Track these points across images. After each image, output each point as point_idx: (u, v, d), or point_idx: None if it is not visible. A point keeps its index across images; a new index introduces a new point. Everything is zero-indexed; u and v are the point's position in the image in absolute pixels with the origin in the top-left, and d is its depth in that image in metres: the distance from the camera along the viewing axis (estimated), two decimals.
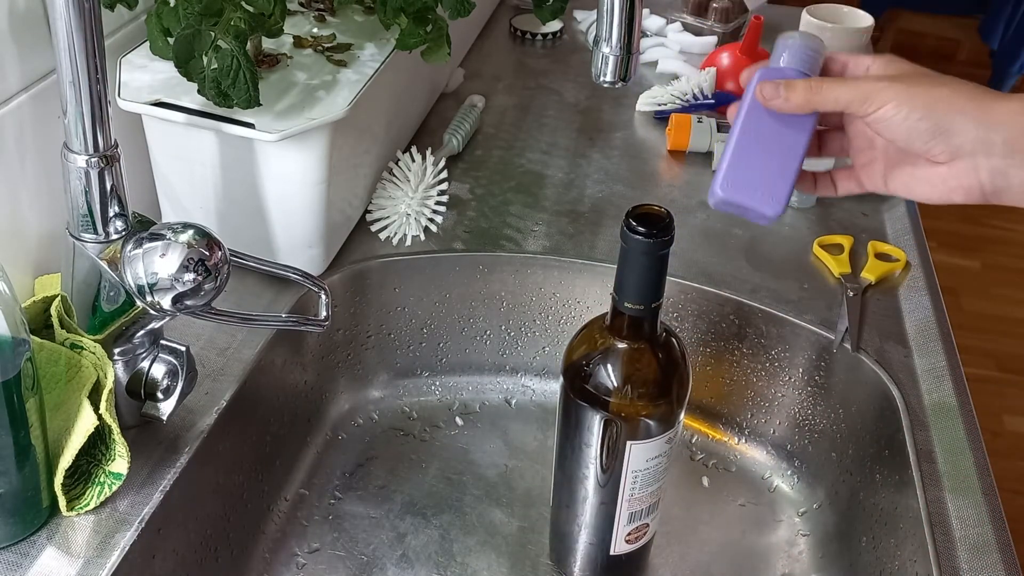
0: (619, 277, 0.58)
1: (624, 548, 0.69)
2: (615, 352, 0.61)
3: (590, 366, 0.62)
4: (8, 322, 0.51)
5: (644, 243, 0.55)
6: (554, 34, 1.31)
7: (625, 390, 0.61)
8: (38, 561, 0.57)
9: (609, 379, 0.61)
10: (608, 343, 0.61)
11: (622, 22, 0.58)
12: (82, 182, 0.57)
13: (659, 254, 0.56)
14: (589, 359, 0.62)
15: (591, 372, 0.62)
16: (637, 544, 0.70)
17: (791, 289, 0.85)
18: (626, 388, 0.61)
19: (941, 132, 0.52)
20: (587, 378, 0.62)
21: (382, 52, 0.80)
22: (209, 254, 0.57)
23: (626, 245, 0.56)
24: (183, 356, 0.64)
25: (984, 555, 0.63)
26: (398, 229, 0.87)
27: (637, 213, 0.56)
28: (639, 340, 0.61)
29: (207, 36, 0.65)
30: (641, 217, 0.55)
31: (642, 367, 0.62)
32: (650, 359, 0.62)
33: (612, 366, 0.62)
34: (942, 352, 0.79)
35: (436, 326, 0.89)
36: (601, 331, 0.62)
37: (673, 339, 0.63)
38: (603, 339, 0.62)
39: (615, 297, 0.59)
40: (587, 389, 0.62)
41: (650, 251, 0.55)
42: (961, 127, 0.51)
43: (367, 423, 0.87)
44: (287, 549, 0.76)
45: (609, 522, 0.67)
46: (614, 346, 0.61)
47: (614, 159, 1.03)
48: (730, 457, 0.86)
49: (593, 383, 0.62)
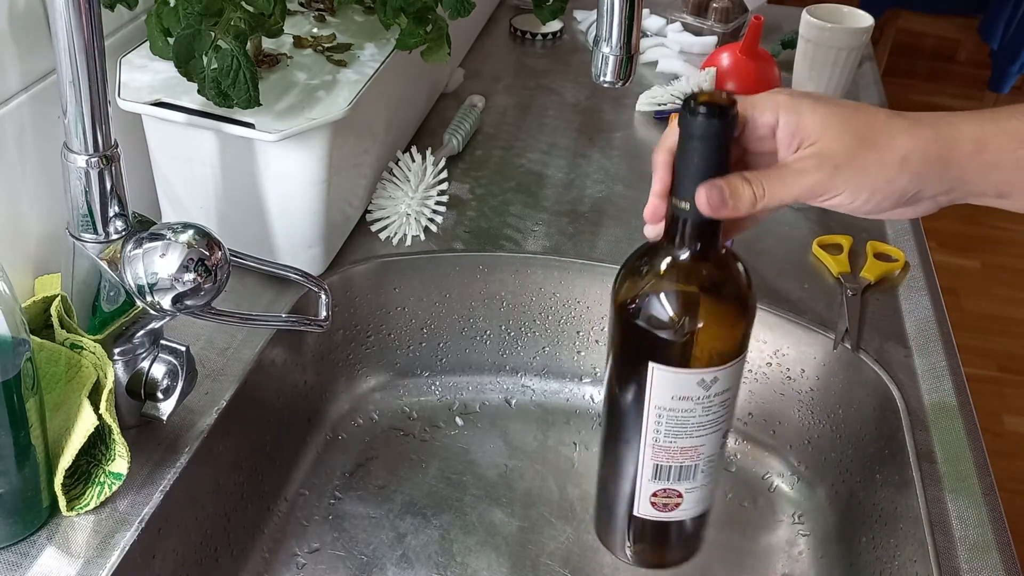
0: (678, 178, 0.51)
1: (649, 512, 0.60)
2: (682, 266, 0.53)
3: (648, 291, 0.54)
4: (8, 322, 0.51)
5: (709, 124, 0.49)
6: (554, 34, 1.31)
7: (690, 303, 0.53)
8: (38, 561, 0.57)
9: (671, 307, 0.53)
10: (671, 254, 0.53)
11: (622, 22, 0.58)
12: (82, 182, 0.57)
13: (725, 137, 0.50)
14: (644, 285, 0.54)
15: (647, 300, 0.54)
16: (665, 514, 0.61)
17: (791, 289, 0.85)
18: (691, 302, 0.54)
19: (909, 201, 0.50)
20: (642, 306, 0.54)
21: (382, 52, 0.80)
22: (209, 254, 0.57)
23: (688, 134, 0.50)
24: (183, 356, 0.64)
25: (984, 555, 0.63)
26: (398, 229, 0.87)
27: (702, 100, 0.50)
28: (705, 249, 0.53)
29: (207, 36, 0.65)
30: (705, 103, 0.49)
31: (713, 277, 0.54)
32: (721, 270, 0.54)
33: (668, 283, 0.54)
34: (942, 352, 0.79)
35: (436, 326, 0.89)
36: (656, 250, 0.54)
37: (739, 261, 0.55)
38: (664, 253, 0.54)
39: (675, 203, 0.52)
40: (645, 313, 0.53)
41: (716, 133, 0.49)
42: (929, 185, 0.50)
43: (367, 423, 0.87)
44: (287, 549, 0.76)
45: (632, 470, 0.59)
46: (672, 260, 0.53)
47: (614, 159, 1.03)
48: (730, 457, 0.86)
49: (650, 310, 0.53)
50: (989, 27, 2.93)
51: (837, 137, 0.49)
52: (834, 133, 0.49)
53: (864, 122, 0.49)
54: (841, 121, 0.49)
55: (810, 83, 1.12)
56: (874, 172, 0.49)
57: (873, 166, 0.49)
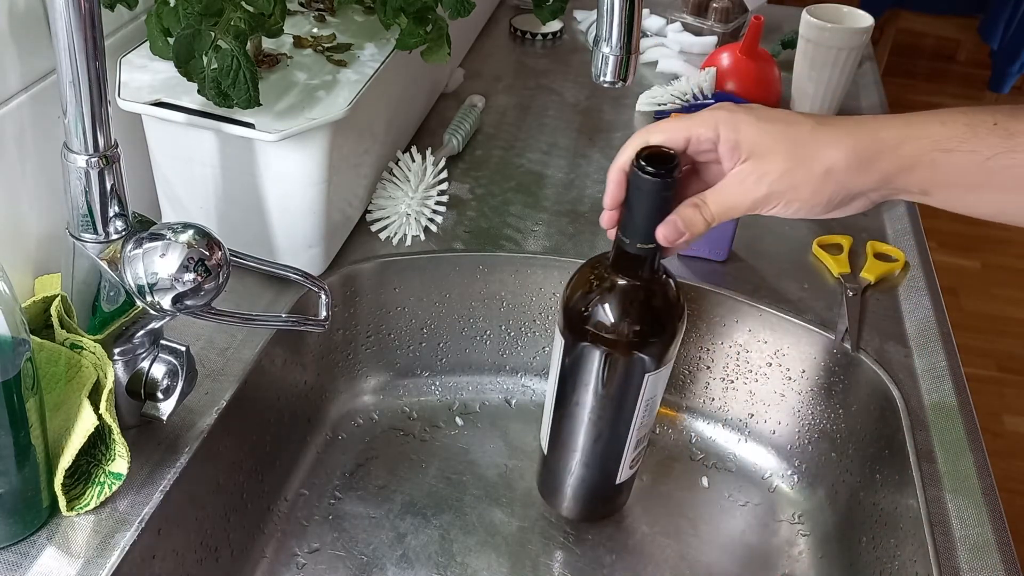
0: (626, 219, 0.60)
1: (627, 475, 0.74)
2: (624, 291, 0.63)
3: (593, 306, 0.64)
4: (8, 322, 0.51)
5: (654, 183, 0.57)
6: (554, 34, 1.31)
7: (632, 326, 0.63)
8: (38, 561, 0.57)
9: (617, 315, 0.63)
10: (614, 283, 0.63)
11: (622, 22, 0.58)
12: (82, 182, 0.57)
13: (665, 194, 0.57)
14: (590, 299, 0.64)
15: (595, 311, 0.64)
16: (634, 469, 0.74)
17: (791, 289, 0.85)
18: (633, 323, 0.63)
19: (840, 203, 0.55)
20: (590, 317, 0.64)
21: (382, 52, 0.80)
22: (209, 254, 0.57)
23: (635, 186, 0.58)
24: (183, 356, 0.64)
25: (984, 555, 0.63)
26: (398, 229, 0.87)
27: (646, 155, 0.57)
28: (644, 278, 0.63)
29: (207, 36, 0.65)
30: (650, 158, 0.57)
31: (655, 302, 0.64)
32: (658, 294, 0.64)
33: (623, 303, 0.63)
34: (942, 352, 0.79)
35: (436, 326, 0.89)
36: (601, 272, 0.64)
37: (670, 279, 0.65)
38: (606, 279, 0.63)
39: (621, 238, 0.61)
40: (590, 329, 0.64)
41: (658, 190, 0.57)
42: (855, 188, 0.54)
43: (367, 423, 0.87)
44: (287, 549, 0.76)
45: (618, 452, 0.71)
46: (623, 285, 0.63)
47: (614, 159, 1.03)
48: (730, 457, 0.86)
49: (596, 321, 0.64)
50: (989, 27, 2.93)
51: (770, 153, 0.54)
52: (768, 149, 0.55)
53: (793, 138, 0.54)
54: (773, 138, 0.55)
55: (810, 83, 1.13)
56: (802, 185, 0.54)
57: (801, 180, 0.54)
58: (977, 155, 0.51)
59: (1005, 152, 0.51)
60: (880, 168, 0.53)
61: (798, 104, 1.15)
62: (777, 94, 1.16)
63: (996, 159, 0.51)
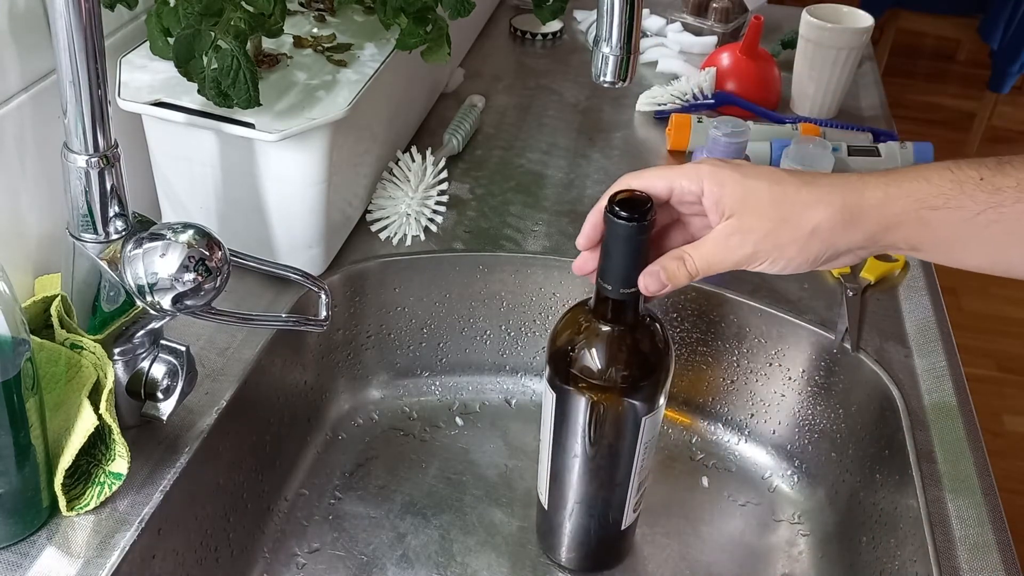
0: (605, 264, 0.59)
1: (631, 519, 0.72)
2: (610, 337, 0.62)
3: (579, 353, 0.63)
4: (8, 322, 0.51)
5: (627, 227, 0.56)
6: (554, 34, 1.31)
7: (616, 371, 0.62)
8: (38, 561, 0.57)
9: (605, 363, 0.62)
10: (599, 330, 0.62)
11: (622, 22, 0.58)
12: (82, 182, 0.57)
13: (640, 238, 0.57)
14: (576, 347, 0.63)
15: (582, 359, 0.63)
16: (637, 512, 0.72)
17: (791, 289, 0.85)
18: (619, 369, 0.62)
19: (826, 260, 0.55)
20: (578, 366, 0.63)
21: (382, 52, 0.80)
22: (209, 254, 0.57)
23: (610, 230, 0.57)
24: (183, 356, 0.64)
25: (984, 555, 0.63)
26: (398, 229, 0.87)
27: (619, 199, 0.57)
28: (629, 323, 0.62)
29: (207, 36, 0.65)
30: (623, 202, 0.56)
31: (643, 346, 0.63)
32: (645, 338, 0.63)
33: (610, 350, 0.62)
34: (942, 352, 0.79)
35: (436, 326, 0.89)
36: (587, 318, 0.63)
37: (656, 323, 0.64)
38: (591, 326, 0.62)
39: (601, 284, 0.60)
40: (580, 379, 0.63)
41: (630, 235, 0.56)
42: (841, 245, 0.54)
43: (367, 423, 0.87)
44: (287, 549, 0.76)
45: (622, 499, 0.69)
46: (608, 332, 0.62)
47: (614, 159, 1.03)
48: (730, 457, 0.86)
49: (584, 368, 0.62)
50: (989, 27, 2.93)
51: (754, 212, 0.54)
52: (752, 208, 0.55)
53: (778, 197, 0.54)
54: (758, 197, 0.54)
55: (810, 83, 1.13)
56: (788, 244, 0.54)
57: (787, 240, 0.54)
58: (964, 211, 0.51)
59: (992, 208, 0.51)
60: (866, 227, 0.53)
61: (798, 104, 1.16)
62: (777, 94, 1.16)
63: (983, 215, 0.51)
